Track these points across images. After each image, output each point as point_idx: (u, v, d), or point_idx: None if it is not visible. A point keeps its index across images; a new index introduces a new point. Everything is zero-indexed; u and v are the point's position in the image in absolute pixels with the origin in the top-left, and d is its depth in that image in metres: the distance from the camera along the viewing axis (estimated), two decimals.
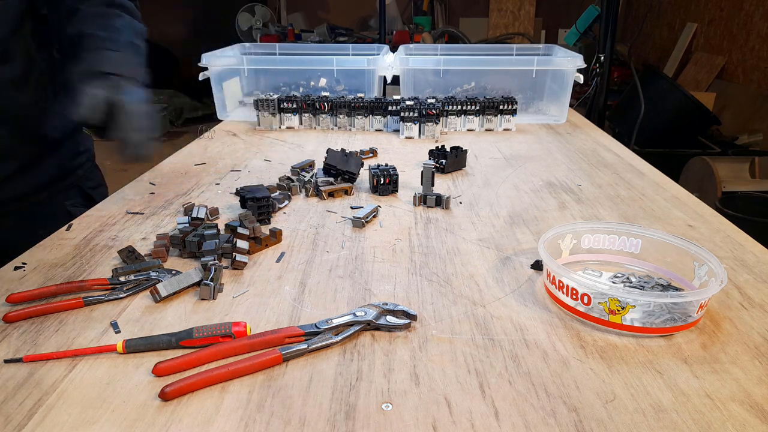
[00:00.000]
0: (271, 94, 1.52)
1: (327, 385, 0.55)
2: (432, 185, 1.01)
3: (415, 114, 1.41)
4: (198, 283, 0.72)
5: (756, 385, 0.55)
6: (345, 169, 1.09)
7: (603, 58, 2.51)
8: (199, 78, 1.60)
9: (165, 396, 0.53)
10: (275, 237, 0.85)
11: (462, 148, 1.20)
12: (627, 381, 0.56)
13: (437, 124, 1.42)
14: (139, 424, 0.50)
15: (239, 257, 0.78)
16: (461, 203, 1.02)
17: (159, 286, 0.70)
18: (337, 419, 0.51)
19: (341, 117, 1.51)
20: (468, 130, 1.51)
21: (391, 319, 0.64)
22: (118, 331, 0.64)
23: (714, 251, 0.81)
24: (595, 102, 2.59)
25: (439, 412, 0.52)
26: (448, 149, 1.20)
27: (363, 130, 1.52)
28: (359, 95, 1.51)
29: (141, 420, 0.51)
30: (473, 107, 1.49)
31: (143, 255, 0.80)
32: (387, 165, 1.09)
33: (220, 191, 1.08)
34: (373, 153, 1.30)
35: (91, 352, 0.60)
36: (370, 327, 0.64)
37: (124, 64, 0.95)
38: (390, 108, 1.48)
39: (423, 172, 1.00)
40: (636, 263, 0.79)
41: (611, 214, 0.97)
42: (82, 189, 1.16)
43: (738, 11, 3.82)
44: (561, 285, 0.67)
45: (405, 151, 1.33)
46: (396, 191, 1.06)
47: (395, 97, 1.53)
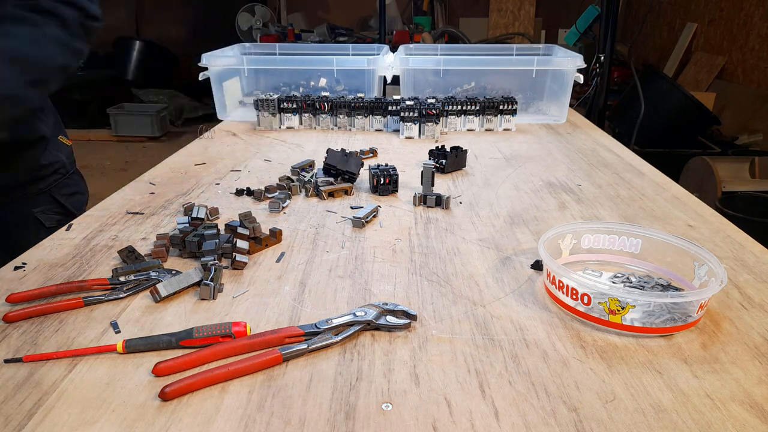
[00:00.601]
0: (271, 94, 1.52)
1: (327, 385, 0.55)
2: (432, 185, 1.01)
3: (415, 114, 1.41)
4: (198, 283, 0.72)
5: (756, 385, 0.55)
6: (345, 169, 1.09)
7: (603, 58, 2.51)
8: (199, 78, 1.60)
9: (165, 396, 0.53)
10: (275, 237, 0.85)
11: (462, 148, 1.20)
12: (627, 381, 0.56)
13: (437, 124, 1.42)
14: (139, 424, 0.50)
15: (239, 257, 0.78)
16: (461, 203, 1.02)
17: (159, 286, 0.70)
18: (337, 419, 0.51)
19: (341, 117, 1.51)
20: (468, 130, 1.51)
21: (391, 319, 0.64)
22: (118, 331, 0.64)
23: (714, 251, 0.81)
24: (595, 102, 2.59)
25: (439, 412, 0.52)
26: (448, 149, 1.20)
27: (363, 130, 1.52)
28: (359, 95, 1.51)
29: (141, 420, 0.51)
30: (473, 107, 1.49)
31: (143, 255, 0.80)
32: (387, 165, 1.09)
33: (220, 191, 1.08)
34: (373, 153, 1.30)
35: (91, 352, 0.60)
36: (370, 327, 0.64)
37: None
38: (390, 108, 1.48)
39: (423, 172, 1.00)
40: (636, 263, 0.78)
41: (611, 214, 0.97)
42: (52, 197, 1.13)
43: (738, 11, 3.83)
44: (561, 285, 0.67)
45: (405, 151, 1.33)
46: (396, 191, 1.06)
47: (395, 97, 1.53)
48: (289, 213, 0.98)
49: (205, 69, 1.57)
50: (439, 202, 0.99)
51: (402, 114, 1.42)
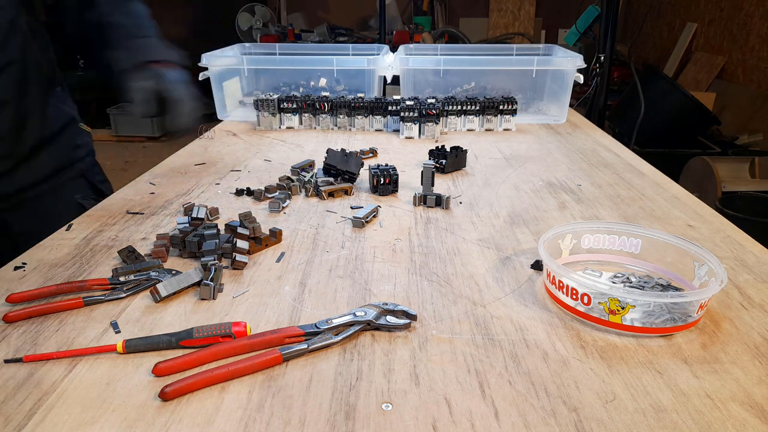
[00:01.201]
0: (271, 94, 1.52)
1: (327, 385, 0.55)
2: (432, 185, 1.01)
3: (415, 114, 1.41)
4: (198, 283, 0.72)
5: (756, 385, 0.55)
6: (345, 169, 1.09)
7: (603, 58, 2.51)
8: (199, 78, 1.60)
9: (165, 396, 0.53)
10: (275, 237, 0.85)
11: (462, 148, 1.20)
12: (627, 381, 0.56)
13: (437, 124, 1.42)
14: (139, 424, 0.50)
15: (239, 257, 0.78)
16: (461, 203, 1.02)
17: (159, 286, 0.70)
18: (337, 419, 0.51)
19: (341, 117, 1.51)
20: (468, 130, 1.51)
21: (391, 319, 0.64)
22: (118, 331, 0.64)
23: (714, 251, 0.81)
24: (595, 102, 2.59)
25: (439, 412, 0.52)
26: (448, 149, 1.20)
27: (363, 130, 1.52)
28: (359, 95, 1.51)
29: (141, 420, 0.51)
30: (473, 107, 1.49)
31: (143, 255, 0.80)
32: (387, 165, 1.09)
33: (220, 191, 1.08)
34: (373, 153, 1.30)
35: (91, 352, 0.60)
36: (370, 327, 0.64)
37: (158, 50, 0.96)
38: (390, 108, 1.48)
39: (423, 172, 1.00)
40: (636, 263, 0.78)
41: (611, 214, 0.97)
42: (89, 181, 1.17)
43: (738, 11, 3.83)
44: (561, 285, 0.67)
45: (405, 151, 1.33)
46: (396, 191, 1.06)
47: (395, 97, 1.53)
48: (289, 213, 0.98)
49: (205, 69, 1.57)
50: (439, 202, 0.99)
51: (402, 114, 1.42)
